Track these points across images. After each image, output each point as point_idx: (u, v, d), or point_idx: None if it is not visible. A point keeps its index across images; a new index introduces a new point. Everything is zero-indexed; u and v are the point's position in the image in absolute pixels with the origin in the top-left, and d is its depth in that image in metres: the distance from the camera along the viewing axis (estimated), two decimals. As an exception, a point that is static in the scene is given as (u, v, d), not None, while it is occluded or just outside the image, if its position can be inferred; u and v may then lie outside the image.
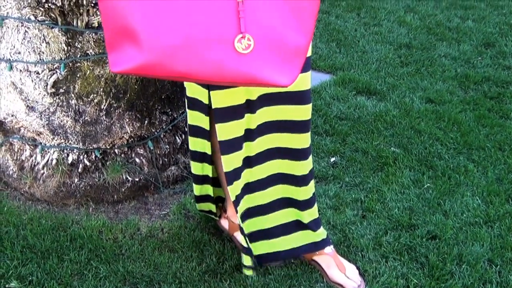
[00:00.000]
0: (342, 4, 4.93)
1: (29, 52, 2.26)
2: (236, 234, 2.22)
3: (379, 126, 3.09)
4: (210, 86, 1.84)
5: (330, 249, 2.11)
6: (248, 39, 1.47)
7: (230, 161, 1.90)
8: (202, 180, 2.17)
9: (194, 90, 1.95)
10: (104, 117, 2.36)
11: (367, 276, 2.10)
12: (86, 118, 2.34)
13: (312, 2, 1.53)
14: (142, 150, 2.50)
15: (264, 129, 1.93)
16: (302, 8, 1.52)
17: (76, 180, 2.43)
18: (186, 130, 2.63)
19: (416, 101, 3.37)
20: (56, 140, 2.39)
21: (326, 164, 2.78)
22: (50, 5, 2.16)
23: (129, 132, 2.42)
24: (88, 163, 2.43)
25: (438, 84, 3.58)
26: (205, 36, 1.45)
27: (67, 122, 2.34)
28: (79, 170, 2.43)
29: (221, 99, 1.83)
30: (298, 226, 2.09)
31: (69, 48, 2.24)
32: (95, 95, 2.32)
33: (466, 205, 2.49)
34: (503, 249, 2.24)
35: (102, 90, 2.32)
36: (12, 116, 2.41)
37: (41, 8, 2.17)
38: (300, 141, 1.97)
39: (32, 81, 2.29)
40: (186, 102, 2.02)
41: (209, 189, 2.20)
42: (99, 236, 2.28)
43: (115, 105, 2.36)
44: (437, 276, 2.10)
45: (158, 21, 1.45)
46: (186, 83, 2.00)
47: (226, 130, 1.87)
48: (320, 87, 3.50)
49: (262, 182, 2.02)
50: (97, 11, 2.21)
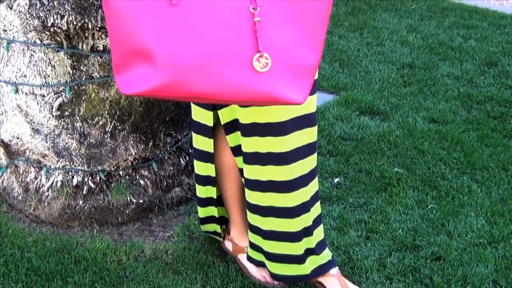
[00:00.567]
0: (345, 24, 4.96)
1: (34, 75, 2.28)
2: (240, 256, 2.22)
3: (383, 146, 3.10)
4: (216, 107, 1.85)
5: (335, 270, 2.10)
6: (265, 58, 1.48)
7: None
8: (206, 202, 2.17)
9: (198, 114, 1.96)
10: (108, 139, 2.38)
11: (372, 298, 2.10)
12: (91, 141, 2.36)
13: (321, 20, 1.55)
14: (146, 172, 2.52)
15: (300, 153, 1.93)
16: (312, 26, 1.54)
17: (80, 202, 2.44)
18: (190, 151, 2.64)
19: (419, 121, 3.38)
20: (61, 162, 2.40)
21: (329, 184, 2.78)
22: (55, 29, 2.18)
23: (133, 154, 2.44)
24: (92, 185, 2.44)
25: (441, 103, 3.60)
26: (222, 55, 1.46)
27: (72, 144, 2.36)
28: (84, 192, 2.44)
29: (228, 114, 1.85)
30: (308, 253, 2.07)
31: (74, 71, 2.26)
32: (100, 118, 2.34)
33: (470, 225, 2.49)
34: (508, 270, 2.24)
35: (107, 112, 2.33)
36: (17, 138, 2.43)
37: (47, 32, 2.19)
38: (312, 162, 1.98)
39: (37, 104, 2.31)
40: (191, 125, 2.03)
41: (213, 210, 2.20)
42: (104, 258, 2.29)
43: (120, 127, 2.38)
44: (441, 297, 2.10)
45: (174, 41, 1.45)
46: (191, 105, 2.01)
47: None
48: (323, 107, 3.51)
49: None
50: (102, 35, 2.23)
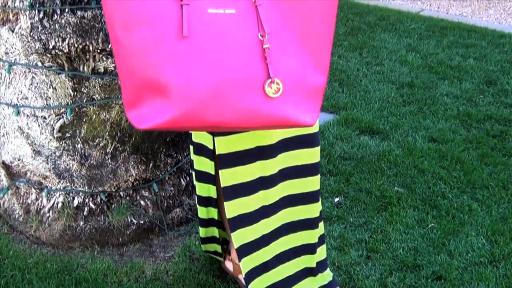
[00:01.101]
0: (344, 44, 4.99)
1: (36, 97, 2.30)
2: (240, 277, 2.22)
3: (383, 165, 3.11)
4: (214, 132, 1.86)
5: (337, 291, 2.11)
6: (277, 83, 1.52)
7: (233, 207, 1.91)
8: (207, 223, 2.18)
9: (199, 136, 1.97)
10: (109, 160, 2.39)
11: (373, 318, 2.10)
12: (92, 162, 2.37)
13: (325, 42, 1.59)
14: (147, 193, 2.52)
15: (280, 176, 1.94)
16: (317, 48, 1.58)
17: (81, 223, 2.44)
18: (191, 172, 2.65)
19: (419, 140, 3.39)
20: (62, 183, 2.41)
21: (330, 204, 2.79)
22: (57, 51, 2.20)
23: (134, 175, 2.45)
24: (93, 206, 2.45)
25: (440, 123, 3.61)
26: (235, 83, 1.48)
27: (73, 166, 2.37)
28: (85, 213, 2.44)
29: (225, 145, 1.85)
30: (307, 272, 2.08)
31: (75, 93, 2.28)
32: (101, 139, 2.35)
33: (471, 244, 2.49)
34: (509, 289, 2.24)
35: (107, 134, 2.35)
36: (18, 160, 2.44)
37: (48, 54, 2.21)
38: (312, 184, 1.99)
39: (39, 125, 2.33)
40: (192, 147, 2.04)
41: (214, 231, 2.21)
42: (104, 279, 2.29)
43: (121, 148, 2.39)
44: (443, 317, 2.09)
45: (187, 72, 1.46)
46: None
47: (229, 176, 1.88)
48: (323, 127, 3.52)
49: (275, 233, 1.99)
50: (103, 57, 2.25)
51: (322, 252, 2.08)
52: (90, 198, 2.44)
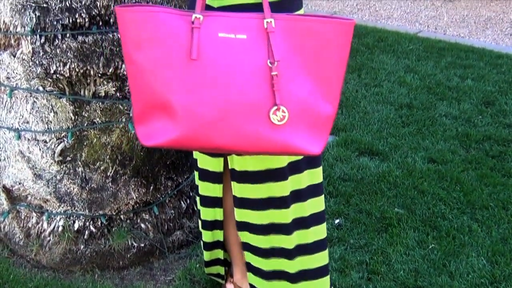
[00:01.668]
0: (343, 65, 5.01)
1: (37, 121, 2.31)
2: (241, 299, 2.21)
3: (382, 186, 3.12)
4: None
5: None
6: (282, 111, 1.53)
7: (241, 214, 1.93)
8: (212, 246, 2.16)
9: (204, 162, 1.98)
10: (110, 184, 2.39)
11: None
12: (93, 185, 2.38)
13: (337, 72, 1.59)
14: (147, 216, 2.53)
15: (291, 199, 1.93)
16: (327, 78, 1.59)
17: (82, 246, 2.44)
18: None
19: (418, 161, 3.40)
20: (62, 207, 2.42)
21: (330, 226, 2.79)
22: (58, 76, 2.22)
23: (134, 198, 2.45)
24: (94, 230, 2.45)
25: (439, 143, 3.62)
26: (241, 108, 1.51)
27: (74, 189, 2.37)
28: (85, 237, 2.45)
29: (238, 162, 1.86)
30: None
31: (76, 117, 2.29)
32: (102, 163, 2.36)
33: (472, 265, 2.49)
34: (510, 310, 2.23)
35: (108, 157, 2.36)
36: (19, 184, 2.45)
37: (49, 79, 2.23)
38: (319, 204, 2.00)
39: (39, 149, 2.34)
40: (197, 173, 2.04)
41: (219, 253, 2.20)
42: (105, 303, 2.28)
43: (121, 172, 2.40)
44: None
45: (193, 94, 1.50)
46: (196, 154, 2.02)
47: (240, 189, 1.90)
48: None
49: (285, 251, 1.99)
50: (104, 81, 2.27)
51: (326, 281, 2.09)
52: (91, 222, 2.45)
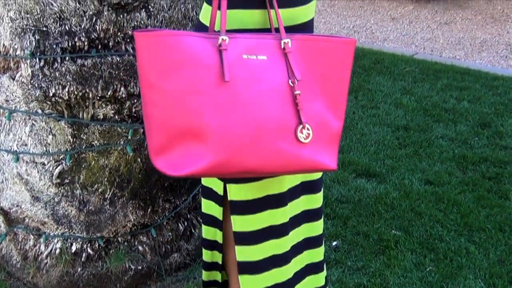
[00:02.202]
0: (340, 87, 5.04)
1: (35, 144, 2.32)
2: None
3: (380, 208, 3.12)
4: (225, 179, 1.87)
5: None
6: (307, 129, 1.55)
7: (242, 252, 1.90)
8: (211, 266, 2.16)
9: (209, 180, 1.98)
10: (108, 206, 2.40)
11: None
12: (90, 208, 2.38)
13: (343, 88, 1.64)
14: (145, 238, 2.53)
15: (290, 224, 1.93)
16: (335, 94, 1.63)
17: (79, 269, 2.44)
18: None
19: (415, 182, 3.41)
20: (60, 229, 2.42)
21: (328, 248, 2.79)
22: (57, 98, 2.24)
23: (132, 220, 2.45)
24: (91, 252, 2.45)
25: (436, 165, 3.63)
26: (270, 129, 1.51)
27: (72, 211, 2.37)
28: (83, 259, 2.44)
29: (237, 192, 1.84)
30: None
31: (74, 139, 2.30)
32: (100, 185, 2.36)
33: (469, 288, 2.49)
34: (508, 333, 2.23)
35: (106, 179, 2.36)
36: (17, 206, 2.45)
37: (48, 101, 2.25)
38: (319, 227, 2.00)
39: (38, 172, 2.34)
40: (201, 190, 2.04)
41: (217, 275, 2.19)
42: (102, 326, 2.27)
43: (119, 194, 2.40)
44: None
45: (226, 119, 1.48)
46: None
47: (240, 222, 1.86)
48: (320, 170, 3.54)
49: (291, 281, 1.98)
50: (102, 104, 2.28)
51: None
52: (88, 244, 2.45)
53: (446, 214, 3.08)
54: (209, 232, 2.08)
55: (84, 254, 2.44)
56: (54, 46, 2.20)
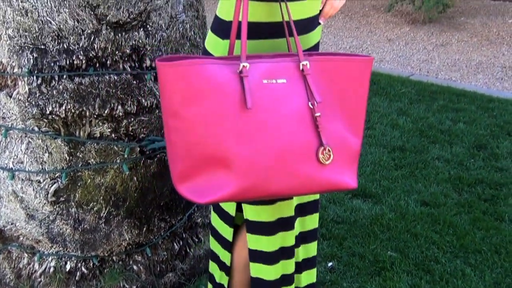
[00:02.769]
0: (336, 107, 5.05)
1: (31, 161, 2.31)
2: None
3: (375, 229, 3.12)
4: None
5: None
6: (328, 150, 1.56)
7: (255, 268, 1.90)
8: (216, 284, 2.14)
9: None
10: (103, 225, 2.39)
11: None
12: (86, 226, 2.37)
13: (361, 107, 1.66)
14: (139, 257, 2.51)
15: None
16: (354, 113, 1.64)
17: (73, 288, 2.43)
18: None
19: (411, 204, 3.41)
20: (54, 248, 2.40)
21: (323, 269, 2.78)
22: (54, 116, 2.24)
23: (127, 239, 2.44)
24: (85, 271, 2.43)
25: (432, 186, 3.64)
26: (294, 152, 1.52)
27: (66, 230, 2.36)
28: (77, 278, 2.43)
29: (252, 212, 1.84)
30: None
31: (71, 157, 2.30)
32: (95, 203, 2.36)
33: (465, 310, 2.48)
34: None
35: (102, 198, 2.36)
36: (11, 224, 2.44)
37: (45, 119, 2.24)
38: (314, 249, 2.00)
39: (33, 190, 2.33)
40: (212, 205, 2.03)
41: None
42: None
43: (115, 213, 2.39)
44: None
45: (250, 144, 1.49)
46: None
47: (254, 241, 1.87)
48: (316, 191, 3.54)
49: None
50: (99, 122, 2.28)
51: None
52: (83, 263, 2.43)
53: (442, 236, 3.07)
54: (217, 247, 2.06)
55: (78, 273, 2.43)
56: (52, 64, 2.20)
